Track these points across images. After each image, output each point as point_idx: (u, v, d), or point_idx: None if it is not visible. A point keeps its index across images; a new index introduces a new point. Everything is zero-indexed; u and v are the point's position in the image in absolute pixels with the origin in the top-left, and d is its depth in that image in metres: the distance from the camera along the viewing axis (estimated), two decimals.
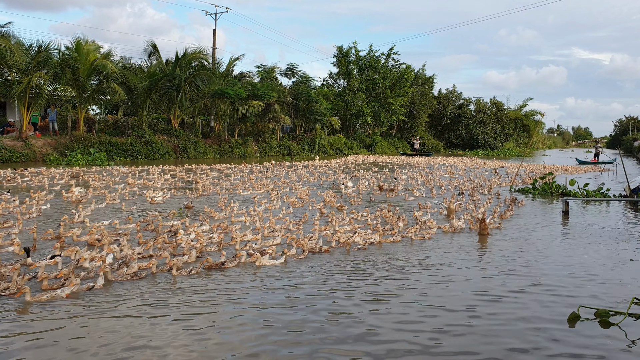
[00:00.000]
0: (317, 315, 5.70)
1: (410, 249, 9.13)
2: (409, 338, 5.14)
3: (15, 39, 28.13)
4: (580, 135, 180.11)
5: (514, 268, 7.92)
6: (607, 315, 5.83)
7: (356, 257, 8.35)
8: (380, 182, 19.62)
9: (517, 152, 62.20)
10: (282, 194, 15.90)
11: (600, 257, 8.82)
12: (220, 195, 15.37)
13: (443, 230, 10.75)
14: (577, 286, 7.10)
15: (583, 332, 5.44)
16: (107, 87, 30.21)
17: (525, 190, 18.88)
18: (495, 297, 6.51)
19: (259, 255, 7.80)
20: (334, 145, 48.60)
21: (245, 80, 43.52)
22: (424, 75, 65.93)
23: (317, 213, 12.50)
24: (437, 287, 6.87)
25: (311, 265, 7.82)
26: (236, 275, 7.21)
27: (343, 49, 54.41)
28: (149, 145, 32.22)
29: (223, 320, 5.48)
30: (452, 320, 5.65)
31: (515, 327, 5.51)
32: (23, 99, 26.68)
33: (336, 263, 7.97)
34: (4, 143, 26.00)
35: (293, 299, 6.23)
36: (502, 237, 10.31)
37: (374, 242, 9.29)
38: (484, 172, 28.35)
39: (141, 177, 19.99)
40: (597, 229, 11.45)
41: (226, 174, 22.29)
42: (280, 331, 5.21)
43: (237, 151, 38.30)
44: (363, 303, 6.14)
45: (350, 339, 5.07)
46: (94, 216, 11.53)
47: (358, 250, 8.80)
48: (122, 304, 5.91)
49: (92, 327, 5.19)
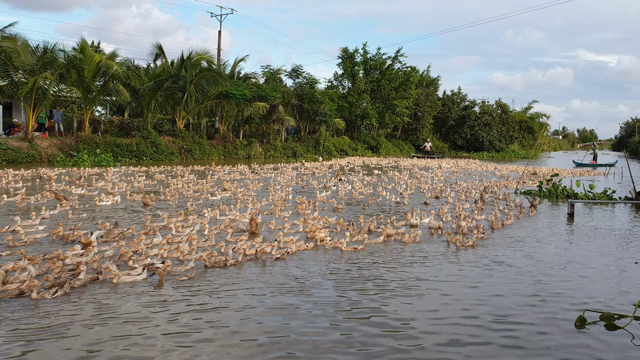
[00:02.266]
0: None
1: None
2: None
3: (21, 40, 28.31)
4: (585, 137, 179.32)
5: (516, 269, 7.90)
6: (612, 319, 5.80)
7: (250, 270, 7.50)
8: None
9: (523, 154, 62.00)
10: (255, 199, 14.86)
11: (605, 261, 8.77)
12: (185, 200, 14.34)
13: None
14: (581, 290, 7.06)
15: (593, 336, 5.41)
16: (112, 88, 30.31)
17: (532, 193, 18.81)
18: (499, 304, 6.49)
19: (116, 271, 6.75)
20: (338, 147, 48.58)
21: (250, 81, 43.59)
22: (428, 77, 65.88)
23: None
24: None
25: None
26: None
27: (349, 51, 54.42)
28: (154, 146, 32.29)
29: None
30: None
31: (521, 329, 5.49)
32: (29, 99, 26.79)
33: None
34: (9, 144, 26.11)
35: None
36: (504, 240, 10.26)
37: (289, 251, 8.40)
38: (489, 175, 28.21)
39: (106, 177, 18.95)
40: (601, 232, 11.39)
41: (201, 176, 21.44)
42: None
43: (241, 152, 38.36)
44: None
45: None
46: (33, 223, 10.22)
47: (274, 260, 8.08)
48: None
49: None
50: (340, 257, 8.44)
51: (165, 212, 12.04)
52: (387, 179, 23.02)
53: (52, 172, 20.49)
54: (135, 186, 17.40)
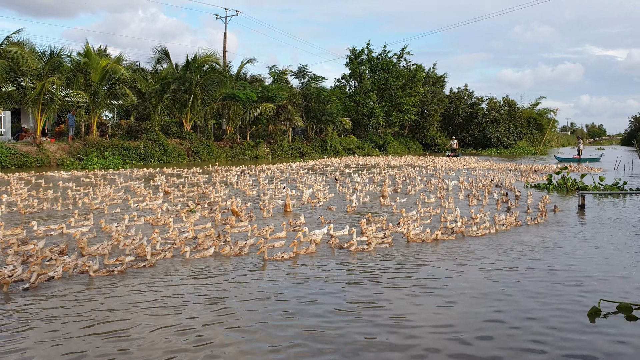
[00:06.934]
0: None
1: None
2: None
3: (28, 46, 28.49)
4: (594, 133, 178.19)
5: (530, 258, 7.80)
6: (630, 310, 5.68)
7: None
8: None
9: (532, 150, 61.61)
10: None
11: (616, 251, 8.66)
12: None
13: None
14: (593, 280, 6.96)
15: (614, 326, 5.29)
16: (119, 91, 30.43)
17: (541, 187, 18.67)
18: (509, 290, 6.40)
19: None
20: (345, 146, 48.51)
21: (257, 82, 43.63)
22: (435, 75, 65.59)
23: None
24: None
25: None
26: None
27: (356, 50, 54.36)
28: (162, 149, 32.37)
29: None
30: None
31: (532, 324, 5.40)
32: (37, 104, 26.95)
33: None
34: (18, 148, 26.28)
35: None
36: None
37: (146, 265, 7.30)
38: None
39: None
40: (612, 223, 11.26)
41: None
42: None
43: (249, 153, 38.40)
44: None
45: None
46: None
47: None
48: None
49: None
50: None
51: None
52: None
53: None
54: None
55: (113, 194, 14.62)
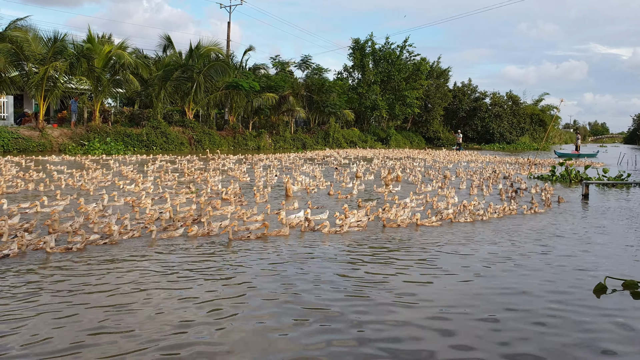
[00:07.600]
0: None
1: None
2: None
3: (32, 32, 28.37)
4: (597, 130, 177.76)
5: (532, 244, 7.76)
6: (636, 287, 5.65)
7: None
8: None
9: (535, 146, 61.47)
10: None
11: (621, 236, 8.64)
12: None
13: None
14: (596, 262, 6.93)
15: (620, 303, 5.26)
16: (122, 78, 30.35)
17: (544, 178, 18.61)
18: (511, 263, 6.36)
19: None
20: (347, 139, 48.39)
21: (260, 72, 43.49)
22: (439, 68, 65.24)
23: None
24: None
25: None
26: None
27: (360, 41, 54.05)
28: (164, 136, 32.32)
29: None
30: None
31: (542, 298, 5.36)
32: (40, 89, 26.90)
33: None
34: (20, 133, 26.26)
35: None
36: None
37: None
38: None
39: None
40: (617, 211, 11.24)
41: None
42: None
43: (251, 143, 38.32)
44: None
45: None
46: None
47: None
48: None
49: None
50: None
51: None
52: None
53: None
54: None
55: (101, 177, 14.59)
